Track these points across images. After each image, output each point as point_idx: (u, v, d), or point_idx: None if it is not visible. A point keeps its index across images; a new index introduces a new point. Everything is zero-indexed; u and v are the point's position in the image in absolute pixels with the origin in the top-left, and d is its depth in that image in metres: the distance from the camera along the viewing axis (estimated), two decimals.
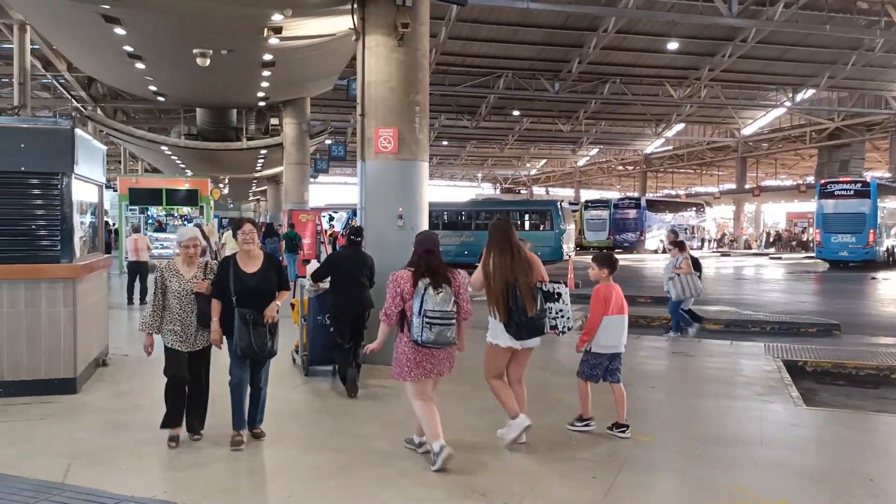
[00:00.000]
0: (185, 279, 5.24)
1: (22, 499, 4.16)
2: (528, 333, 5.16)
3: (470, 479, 4.71)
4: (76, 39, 16.25)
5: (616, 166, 59.04)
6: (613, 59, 27.12)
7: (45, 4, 12.71)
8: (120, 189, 21.14)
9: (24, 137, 6.55)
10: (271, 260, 5.43)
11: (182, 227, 5.26)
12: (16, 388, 6.47)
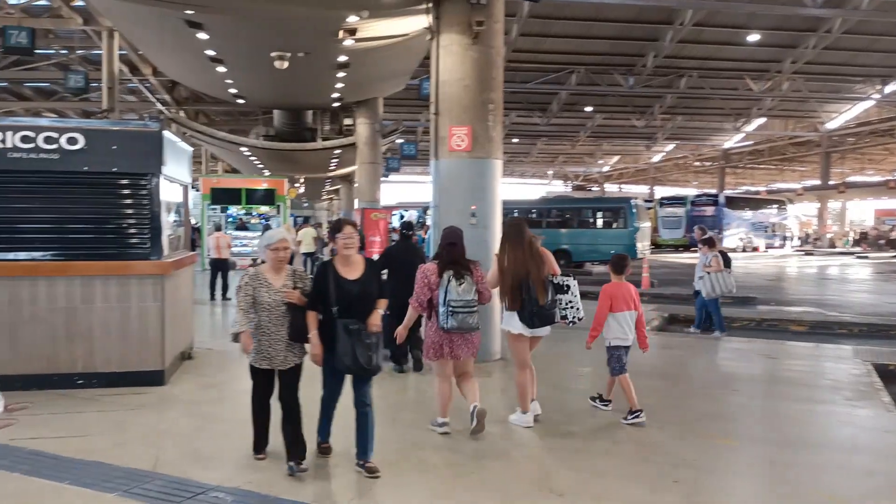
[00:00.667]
0: (275, 288, 4.65)
1: (115, 486, 4.36)
2: (539, 322, 5.57)
3: (546, 478, 4.69)
4: (161, 44, 16.90)
5: (693, 162, 57.55)
6: (690, 52, 26.42)
7: (132, 11, 13.26)
8: (202, 189, 21.88)
9: (116, 140, 6.86)
10: (371, 265, 4.89)
11: (272, 228, 4.34)
12: (108, 379, 6.78)
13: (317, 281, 4.70)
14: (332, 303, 4.55)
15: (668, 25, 23.76)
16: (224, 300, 13.92)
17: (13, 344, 6.62)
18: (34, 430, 5.39)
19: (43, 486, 4.36)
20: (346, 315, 4.53)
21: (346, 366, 4.53)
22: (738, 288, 11.21)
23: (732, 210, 39.54)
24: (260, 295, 4.63)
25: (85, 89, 17.49)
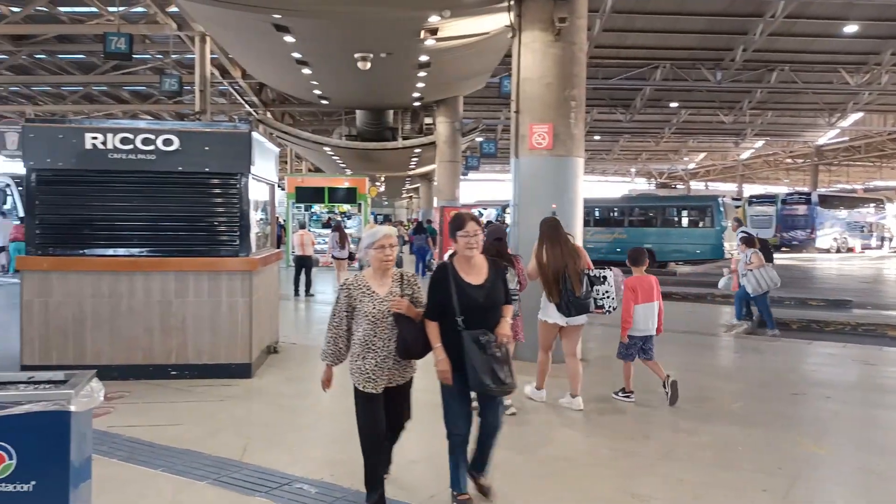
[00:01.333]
0: (380, 297, 3.94)
1: (205, 474, 4.54)
2: (575, 311, 6.09)
3: (630, 483, 4.61)
4: (250, 48, 17.45)
5: (784, 159, 55.27)
6: (781, 45, 25.35)
7: (222, 16, 13.74)
8: (288, 188, 22.49)
9: (208, 141, 7.13)
10: (497, 268, 4.19)
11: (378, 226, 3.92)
12: (199, 371, 7.06)
13: (435, 287, 4.04)
14: (455, 312, 3.92)
15: (759, 18, 22.88)
16: (307, 296, 14.28)
17: (112, 335, 6.98)
18: (131, 419, 5.66)
19: (138, 472, 4.57)
20: (471, 326, 3.94)
21: (483, 384, 3.89)
22: (833, 290, 10.75)
23: (826, 209, 37.79)
24: (363, 305, 3.92)
25: (179, 92, 18.23)
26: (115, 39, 13.36)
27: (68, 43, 20.95)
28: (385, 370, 3.95)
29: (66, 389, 2.72)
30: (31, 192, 7.03)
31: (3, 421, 2.60)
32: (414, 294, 4.05)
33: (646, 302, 6.44)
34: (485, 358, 3.87)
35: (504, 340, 3.99)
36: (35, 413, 2.62)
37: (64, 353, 6.89)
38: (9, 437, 2.61)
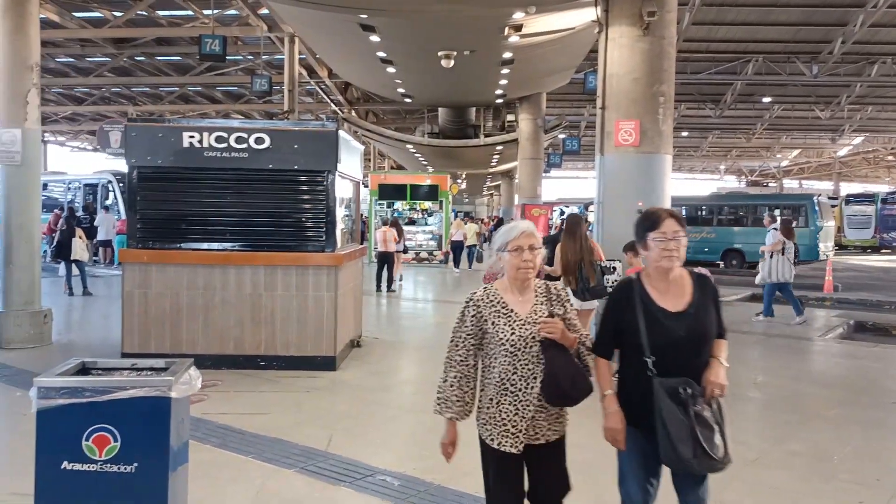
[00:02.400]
0: (521, 318, 2.81)
1: (293, 462, 4.67)
2: (589, 296, 6.92)
3: (720, 491, 4.46)
4: (336, 48, 17.81)
5: (885, 156, 52.39)
6: (884, 36, 23.99)
7: (311, 17, 14.08)
8: (371, 185, 22.87)
9: (297, 139, 7.33)
10: (704, 286, 2.92)
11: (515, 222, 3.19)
12: (286, 362, 7.26)
13: (614, 311, 2.92)
14: (643, 349, 2.76)
15: (859, 8, 21.73)
16: (389, 292, 14.48)
17: (206, 326, 7.27)
18: (223, 406, 5.88)
19: (230, 458, 4.75)
20: (667, 369, 2.73)
21: (680, 458, 2.67)
22: None
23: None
24: (497, 329, 2.79)
25: (269, 92, 18.77)
26: (210, 41, 13.87)
27: (166, 45, 21.89)
28: (527, 420, 2.78)
29: (166, 376, 2.85)
30: (132, 189, 7.40)
31: (108, 405, 2.75)
32: (566, 314, 2.88)
33: None
34: (684, 420, 2.65)
35: (716, 393, 2.76)
36: (138, 398, 2.76)
37: (161, 341, 7.22)
38: (114, 421, 2.76)
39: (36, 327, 8.33)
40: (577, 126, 36.15)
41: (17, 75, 8.27)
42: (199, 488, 3.78)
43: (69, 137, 43.66)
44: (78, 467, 2.73)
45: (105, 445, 2.74)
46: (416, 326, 10.61)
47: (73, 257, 13.35)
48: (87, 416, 2.74)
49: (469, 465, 4.76)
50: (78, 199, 23.33)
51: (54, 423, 2.74)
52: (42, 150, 7.98)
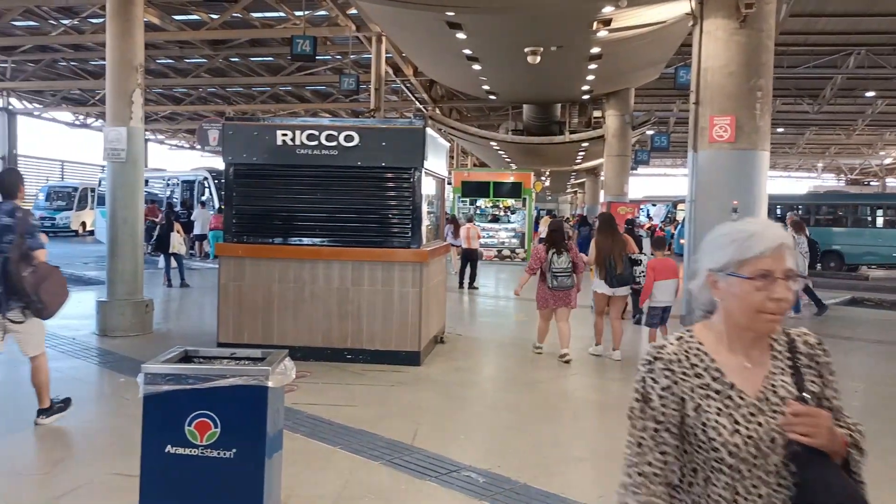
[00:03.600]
0: (750, 400, 1.56)
1: (380, 454, 4.73)
2: (617, 283, 7.87)
3: None
4: (422, 46, 17.96)
5: None
6: None
7: (398, 16, 14.24)
8: (454, 182, 22.97)
9: (385, 137, 7.43)
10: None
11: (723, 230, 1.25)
12: (372, 356, 7.38)
13: None
14: None
15: None
16: (472, 289, 14.50)
17: (296, 318, 7.47)
18: (312, 397, 6.02)
19: (319, 447, 4.86)
20: None
21: None
22: None
23: None
24: (704, 420, 1.55)
25: (356, 91, 19.12)
26: (301, 42, 14.23)
27: (259, 46, 22.60)
28: None
29: (263, 366, 2.94)
30: (228, 185, 7.68)
31: (209, 392, 2.86)
32: (835, 400, 1.67)
33: (664, 279, 7.63)
34: None
35: None
36: (237, 386, 2.86)
37: (254, 332, 7.47)
38: (214, 407, 2.87)
39: (138, 317, 8.76)
40: (666, 122, 35.23)
41: (122, 76, 8.71)
42: (290, 475, 3.88)
43: (168, 136, 45.70)
44: (180, 451, 2.85)
45: (206, 431, 2.85)
46: (499, 324, 10.59)
47: (171, 251, 13.98)
48: (189, 402, 2.85)
49: (555, 464, 4.76)
50: (176, 194, 24.40)
51: (159, 408, 2.87)
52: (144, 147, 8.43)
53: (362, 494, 4.11)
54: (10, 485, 4.16)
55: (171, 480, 2.88)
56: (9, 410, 5.98)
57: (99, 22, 19.89)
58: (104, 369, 7.13)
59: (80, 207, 34.11)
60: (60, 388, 6.34)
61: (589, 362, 7.99)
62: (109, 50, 8.77)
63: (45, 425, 5.27)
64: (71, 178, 40.52)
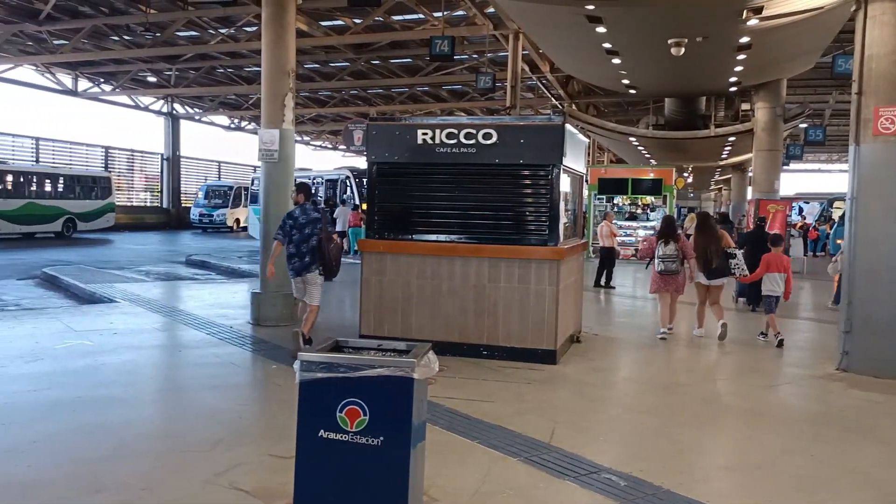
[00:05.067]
0: None
1: (517, 451, 4.74)
2: (714, 276, 9.02)
3: None
4: (560, 41, 17.78)
5: None
6: None
7: (536, 12, 14.19)
8: (590, 179, 22.57)
9: (523, 134, 7.42)
10: None
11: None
12: (507, 353, 7.39)
13: None
14: None
15: None
16: (608, 288, 14.21)
17: (433, 313, 7.62)
18: (449, 391, 6.12)
19: (458, 441, 4.94)
20: None
21: None
22: None
23: None
24: None
25: (492, 89, 19.22)
26: (440, 42, 14.50)
27: (399, 49, 23.24)
28: None
29: (409, 358, 3.03)
30: (371, 183, 7.95)
31: (359, 381, 2.98)
32: None
33: (776, 272, 8.81)
34: None
35: None
36: (385, 377, 2.96)
37: (393, 326, 7.69)
38: (363, 396, 2.99)
39: (287, 308, 9.25)
40: (822, 114, 32.93)
41: (276, 80, 9.22)
42: (430, 466, 3.96)
43: (313, 137, 47.93)
44: (332, 436, 2.99)
45: (356, 418, 2.97)
46: (637, 325, 10.31)
47: None
48: (340, 389, 2.99)
49: (700, 471, 4.59)
50: (320, 193, 25.56)
51: (313, 394, 3.02)
52: (294, 148, 8.97)
53: (501, 489, 4.13)
54: (178, 460, 4.52)
55: (323, 463, 3.02)
56: (177, 393, 6.51)
57: (253, 30, 21.18)
58: (257, 356, 7.59)
59: (234, 205, 36.47)
60: (220, 371, 6.85)
61: (733, 363, 7.63)
62: (264, 56, 9.31)
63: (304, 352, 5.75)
64: (226, 177, 43.41)
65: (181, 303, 11.17)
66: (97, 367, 6.79)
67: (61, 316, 9.56)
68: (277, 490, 3.90)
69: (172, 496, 3.93)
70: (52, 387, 6.07)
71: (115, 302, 10.69)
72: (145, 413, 5.71)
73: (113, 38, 23.97)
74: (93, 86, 31.78)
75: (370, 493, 3.00)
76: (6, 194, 25.64)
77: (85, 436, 4.89)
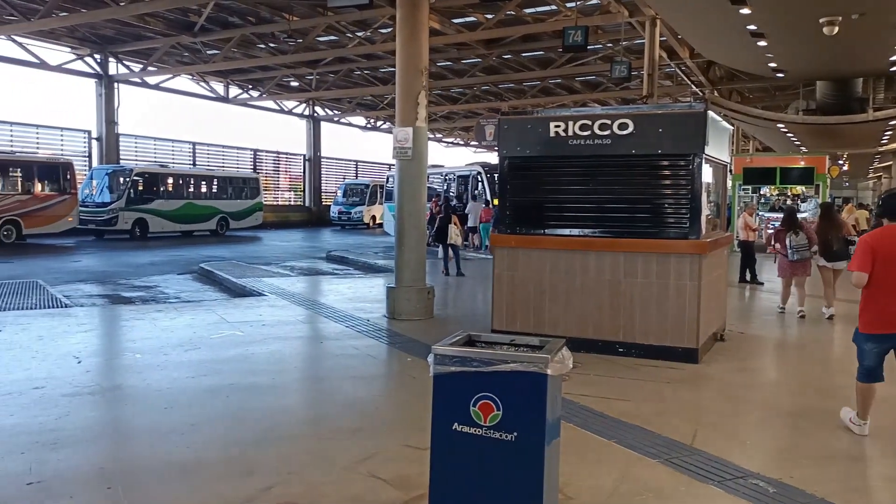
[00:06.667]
0: None
1: (657, 452, 4.57)
2: (834, 258, 9.79)
3: None
4: (701, 25, 16.98)
5: None
6: None
7: None
8: (734, 169, 21.47)
9: (662, 122, 7.15)
10: None
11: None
12: (644, 351, 7.16)
13: None
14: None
15: None
16: (754, 284, 13.45)
17: (567, 309, 7.51)
18: (583, 388, 6.01)
19: (593, 439, 4.83)
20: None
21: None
22: None
23: None
24: None
25: (628, 78, 18.72)
26: (573, 33, 14.27)
27: (531, 42, 23.09)
28: None
29: (543, 354, 2.98)
30: (503, 178, 7.94)
31: (492, 376, 2.97)
32: None
33: None
34: None
35: None
36: (518, 372, 2.93)
37: (526, 321, 7.65)
38: (496, 391, 2.97)
39: (421, 302, 9.43)
40: None
41: (409, 79, 9.40)
42: (564, 464, 3.89)
43: (445, 134, 48.63)
44: (466, 430, 3.00)
45: (489, 413, 2.97)
46: (788, 324, 9.69)
47: (448, 242, 14.86)
48: (474, 383, 2.99)
49: (858, 481, 4.24)
50: (452, 189, 25.88)
51: (447, 387, 3.04)
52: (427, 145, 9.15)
53: (640, 491, 4.00)
54: (321, 446, 4.72)
55: (458, 456, 3.04)
56: (319, 382, 6.80)
57: (388, 31, 21.76)
58: (393, 349, 7.78)
59: (370, 202, 37.70)
60: (358, 363, 7.11)
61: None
62: (398, 55, 9.52)
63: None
64: (363, 176, 44.95)
65: (322, 296, 11.67)
66: (248, 357, 7.21)
67: (216, 308, 10.23)
68: (414, 481, 3.98)
69: (316, 481, 4.09)
70: (209, 374, 6.51)
71: (263, 295, 11.31)
72: (291, 400, 6.00)
73: (259, 45, 25.40)
74: (242, 92, 33.83)
75: (504, 488, 2.98)
76: (168, 195, 27.80)
77: (237, 421, 5.20)
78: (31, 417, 5.13)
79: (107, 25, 23.61)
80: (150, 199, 26.80)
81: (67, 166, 24.37)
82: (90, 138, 29.51)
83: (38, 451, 4.46)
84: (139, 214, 26.26)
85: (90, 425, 5.17)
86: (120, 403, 5.68)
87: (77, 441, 4.73)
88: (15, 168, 23.31)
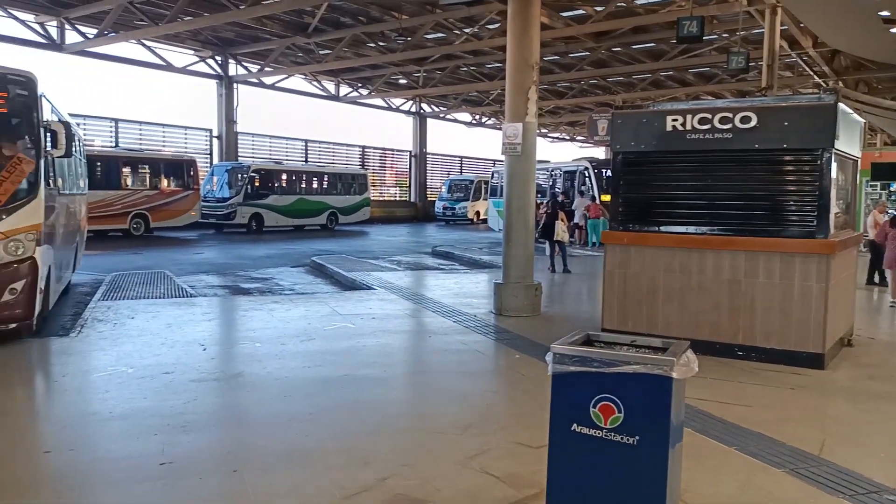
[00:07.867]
0: None
1: (781, 461, 4.36)
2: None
3: None
4: (826, 12, 16.03)
5: None
6: None
7: None
8: (861, 164, 20.14)
9: (788, 116, 6.80)
10: None
11: None
12: (766, 355, 6.84)
13: None
14: None
15: None
16: (881, 286, 12.58)
17: (681, 309, 7.28)
18: (700, 392, 5.78)
19: (712, 445, 4.66)
20: None
21: None
22: None
23: None
24: None
25: (745, 69, 17.89)
26: (688, 24, 13.77)
27: (641, 33, 22.46)
28: None
29: (667, 356, 2.90)
30: (615, 173, 7.77)
31: (613, 377, 2.91)
32: None
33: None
34: None
35: None
36: (641, 374, 2.86)
37: (637, 320, 7.47)
38: (617, 392, 2.91)
39: (529, 299, 9.38)
40: None
41: (520, 74, 9.35)
42: (685, 469, 3.78)
43: (550, 129, 48.11)
44: (585, 431, 2.96)
45: (610, 415, 2.91)
46: None
47: (555, 238, 14.70)
48: (594, 384, 2.94)
49: None
50: (558, 184, 25.60)
51: (566, 388, 3.01)
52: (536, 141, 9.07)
53: (763, 501, 3.83)
54: (433, 440, 4.77)
55: (576, 457, 3.00)
56: (428, 376, 6.89)
57: (495, 27, 21.73)
58: (500, 345, 7.78)
59: (474, 198, 37.85)
60: (466, 358, 7.15)
61: None
62: (509, 50, 9.48)
63: None
64: (467, 172, 45.17)
65: (429, 291, 11.80)
66: (359, 349, 7.39)
67: (328, 300, 10.55)
68: (526, 479, 3.97)
69: (429, 474, 4.14)
70: (324, 364, 6.72)
71: (372, 289, 11.57)
72: (401, 394, 6.11)
73: (369, 45, 25.93)
74: (352, 90, 34.68)
75: (625, 493, 2.92)
76: (281, 191, 28.88)
77: (352, 412, 5.34)
78: (163, 401, 5.46)
79: (227, 28, 24.74)
80: (266, 195, 27.90)
81: (191, 163, 25.77)
82: (211, 136, 31.07)
83: (169, 434, 4.74)
84: (255, 209, 27.41)
85: (215, 410, 5.45)
86: (242, 390, 5.95)
87: (204, 425, 5.00)
88: (143, 165, 24.86)
